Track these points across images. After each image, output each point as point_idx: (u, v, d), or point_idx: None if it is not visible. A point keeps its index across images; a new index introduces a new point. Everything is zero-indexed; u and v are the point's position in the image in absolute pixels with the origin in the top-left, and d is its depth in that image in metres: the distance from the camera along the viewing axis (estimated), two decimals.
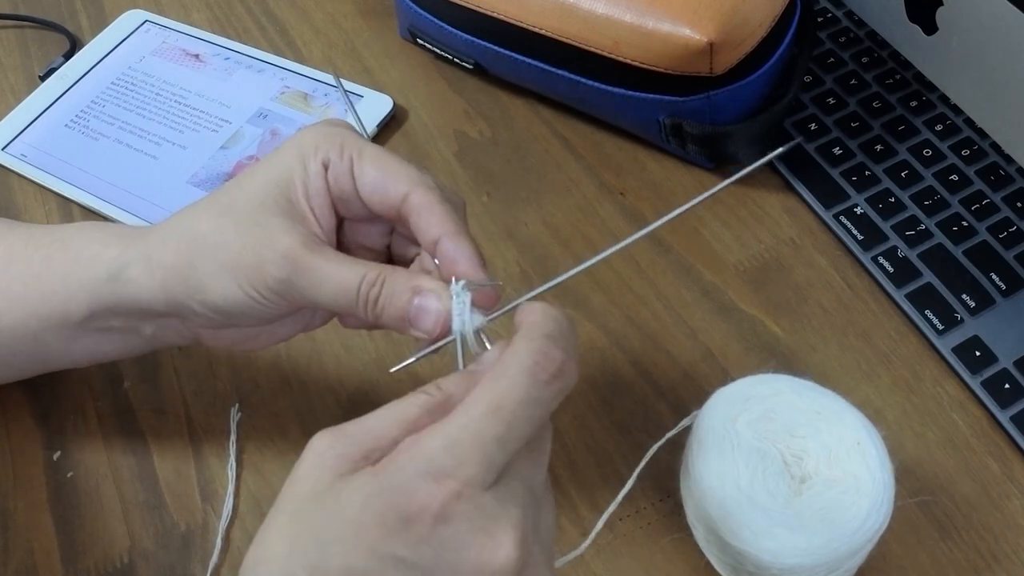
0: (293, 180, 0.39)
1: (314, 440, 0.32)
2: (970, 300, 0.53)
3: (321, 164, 0.39)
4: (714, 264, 0.57)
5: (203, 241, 0.39)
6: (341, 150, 0.39)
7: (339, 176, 0.39)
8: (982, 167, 0.59)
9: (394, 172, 0.39)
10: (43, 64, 0.68)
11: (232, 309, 0.39)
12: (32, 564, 0.46)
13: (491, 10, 0.59)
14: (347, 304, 0.38)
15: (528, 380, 0.32)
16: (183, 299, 0.40)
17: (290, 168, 0.39)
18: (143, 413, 0.51)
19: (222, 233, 0.39)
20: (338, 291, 0.38)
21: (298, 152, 0.39)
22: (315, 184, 0.39)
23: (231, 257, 0.38)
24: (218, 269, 0.39)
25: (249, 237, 0.38)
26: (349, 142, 0.39)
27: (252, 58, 0.68)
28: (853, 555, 0.40)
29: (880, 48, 0.66)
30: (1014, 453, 0.49)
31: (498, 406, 0.31)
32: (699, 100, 0.56)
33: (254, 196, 0.39)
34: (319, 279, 0.38)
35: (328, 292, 0.38)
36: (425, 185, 0.38)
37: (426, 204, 0.38)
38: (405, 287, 0.37)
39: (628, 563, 0.46)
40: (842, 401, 0.43)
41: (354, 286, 0.37)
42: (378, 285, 0.37)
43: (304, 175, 0.39)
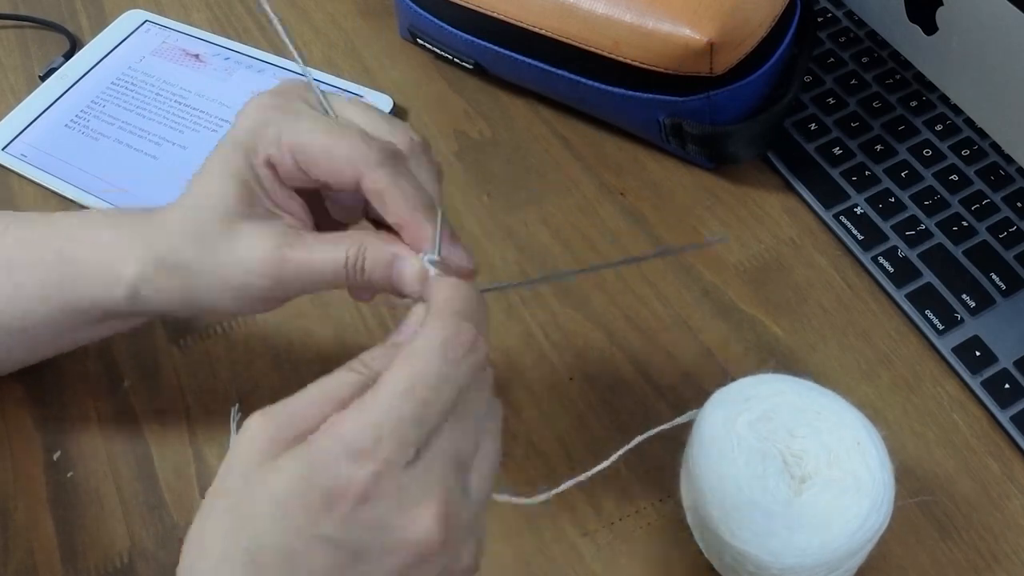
0: (246, 183, 0.39)
1: (248, 421, 0.32)
2: (970, 300, 0.53)
3: (265, 165, 0.39)
4: (714, 264, 0.57)
5: (193, 270, 0.40)
6: (279, 145, 0.38)
7: (288, 171, 0.39)
8: (982, 167, 0.59)
9: (340, 157, 0.37)
10: (43, 64, 0.68)
11: (239, 313, 0.41)
12: (32, 564, 0.46)
13: (491, 10, 0.59)
14: (339, 281, 0.39)
15: (440, 358, 0.32)
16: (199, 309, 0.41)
17: (239, 171, 0.39)
18: (143, 413, 0.51)
19: (203, 262, 0.39)
20: (326, 273, 0.38)
21: (242, 152, 0.39)
22: (268, 183, 0.39)
23: (220, 282, 0.39)
24: (214, 294, 0.40)
25: (227, 258, 0.39)
26: (285, 130, 0.38)
27: (252, 58, 0.68)
28: (853, 555, 0.40)
29: (880, 48, 0.66)
30: (1014, 453, 0.49)
31: (412, 385, 0.31)
32: (699, 100, 0.56)
33: (217, 210, 0.39)
34: (306, 270, 0.38)
35: (319, 277, 0.39)
36: (373, 164, 0.37)
37: (377, 192, 0.37)
38: (385, 254, 0.38)
39: (628, 563, 0.46)
40: (842, 401, 0.43)
41: (340, 265, 0.38)
42: (361, 257, 0.38)
43: (255, 177, 0.39)
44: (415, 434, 0.31)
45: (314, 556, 0.30)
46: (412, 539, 0.31)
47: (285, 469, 0.31)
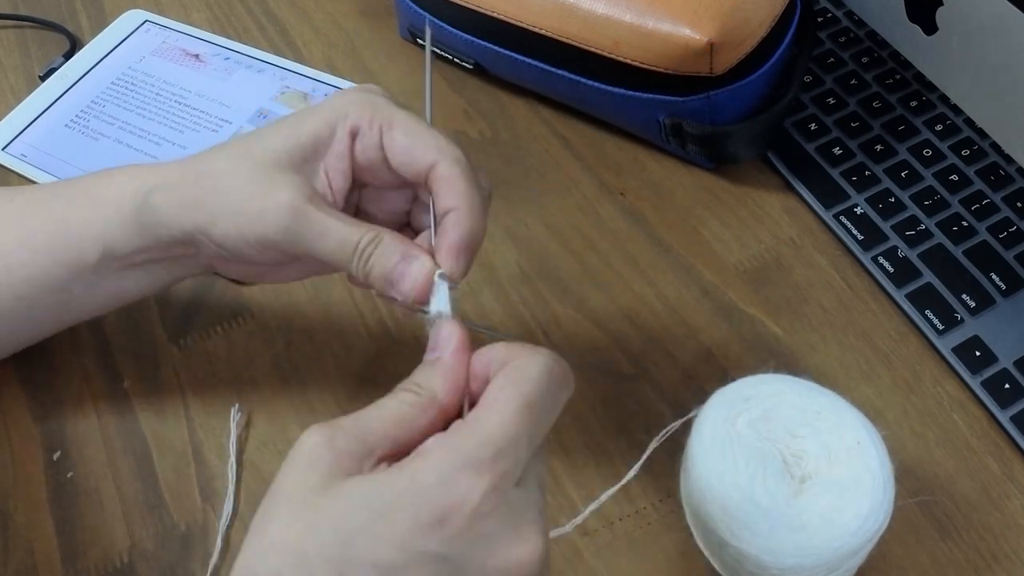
0: (315, 142, 0.41)
1: (310, 435, 0.32)
2: (970, 300, 0.53)
3: (348, 133, 0.41)
4: (714, 264, 0.57)
5: (217, 179, 0.41)
6: (371, 120, 0.40)
7: (367, 146, 0.40)
8: (982, 167, 0.59)
9: (423, 142, 0.40)
10: (43, 64, 0.68)
11: (233, 249, 0.41)
12: (32, 564, 0.46)
13: (491, 10, 0.59)
14: (344, 258, 0.39)
15: (549, 381, 0.33)
16: (194, 230, 0.41)
17: (316, 130, 0.41)
18: (143, 413, 0.51)
19: (235, 176, 0.40)
20: (338, 244, 0.39)
21: (329, 116, 0.41)
22: (337, 149, 0.41)
23: (238, 200, 0.40)
24: (224, 210, 0.40)
25: (257, 186, 0.40)
26: (380, 111, 0.41)
27: (252, 58, 0.68)
28: (853, 555, 0.40)
29: (880, 48, 0.66)
30: (1014, 453, 0.49)
31: (528, 404, 0.32)
32: (699, 100, 0.56)
33: (273, 148, 0.41)
34: (321, 231, 0.39)
35: (329, 245, 0.39)
36: (453, 158, 0.39)
37: (449, 177, 0.39)
38: (395, 249, 0.39)
39: (628, 563, 0.46)
40: (842, 401, 0.43)
41: (354, 241, 0.39)
42: (374, 244, 0.39)
43: (328, 140, 0.41)
44: (526, 453, 0.32)
45: (416, 571, 0.30)
46: (516, 558, 0.31)
47: (388, 484, 0.31)
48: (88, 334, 0.54)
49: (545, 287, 0.56)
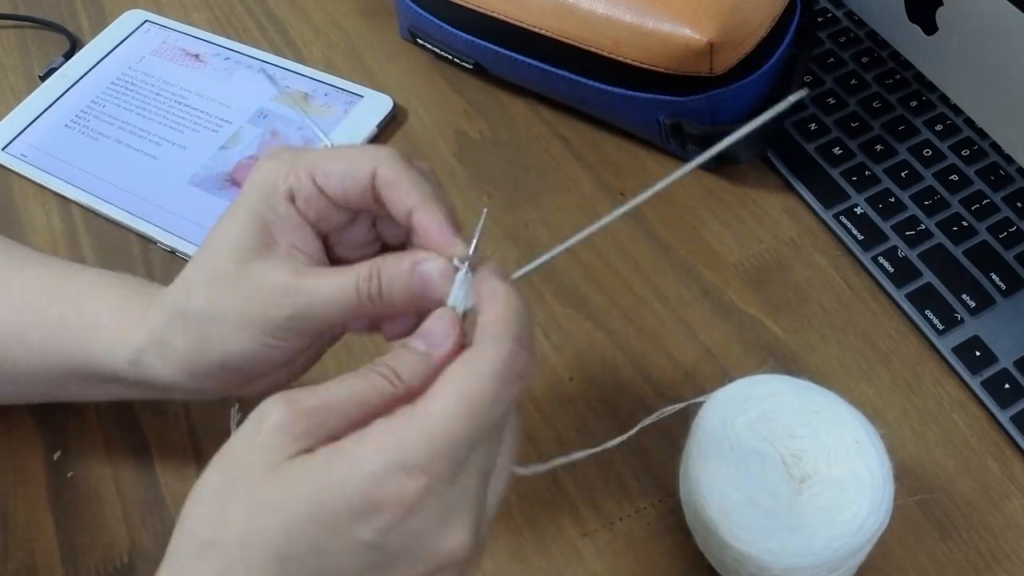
0: (264, 223, 0.39)
1: (267, 408, 0.32)
2: (970, 300, 0.53)
3: (285, 199, 0.39)
4: (714, 264, 0.57)
5: (206, 318, 0.39)
6: (296, 174, 0.39)
7: (308, 197, 0.39)
8: (982, 167, 0.59)
9: (354, 159, 0.38)
10: (43, 64, 0.68)
11: (255, 362, 0.39)
12: (32, 564, 0.46)
13: (491, 10, 0.59)
14: (352, 306, 0.38)
15: (499, 381, 0.32)
16: (204, 376, 0.40)
17: (256, 210, 0.39)
18: (143, 413, 0.51)
19: (218, 303, 0.39)
20: (339, 298, 0.38)
21: (261, 195, 0.39)
22: (288, 222, 0.39)
23: (237, 320, 0.39)
24: (230, 335, 0.39)
25: (244, 293, 0.38)
26: (301, 160, 0.39)
27: (252, 58, 0.68)
28: (853, 555, 0.40)
29: (880, 48, 0.66)
30: (1014, 453, 0.49)
31: (471, 407, 0.32)
32: (699, 100, 0.56)
33: (233, 252, 0.39)
34: (318, 295, 0.38)
35: (331, 304, 0.38)
36: (388, 158, 0.38)
37: (392, 178, 0.38)
38: (401, 267, 0.37)
39: (628, 563, 0.46)
40: (840, 401, 0.43)
41: (352, 287, 0.38)
42: (375, 277, 0.37)
43: (274, 217, 0.39)
44: (465, 453, 0.32)
45: (347, 557, 0.31)
46: (446, 549, 0.32)
47: (327, 467, 0.31)
48: None
49: (545, 287, 0.56)
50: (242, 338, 0.39)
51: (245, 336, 0.39)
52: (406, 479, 0.31)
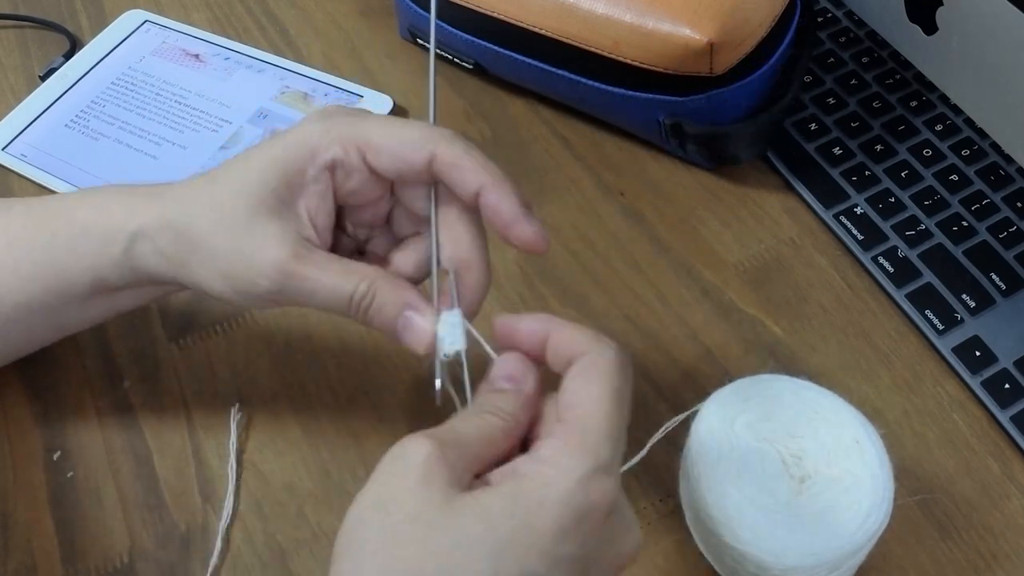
0: (288, 183, 0.39)
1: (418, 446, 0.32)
2: (970, 300, 0.53)
3: (323, 169, 0.39)
4: (714, 264, 0.57)
5: (199, 243, 0.39)
6: (346, 149, 0.39)
7: (351, 172, 0.39)
8: (982, 167, 0.59)
9: (409, 140, 0.38)
10: (43, 64, 0.68)
11: (226, 300, 0.40)
12: (32, 564, 0.46)
13: (491, 10, 0.59)
14: (339, 310, 0.39)
15: (622, 371, 0.34)
16: (184, 281, 0.41)
17: (288, 173, 0.39)
18: (143, 413, 0.51)
19: (216, 237, 0.39)
20: (330, 299, 0.39)
21: (298, 152, 0.39)
22: (317, 190, 0.39)
23: (223, 264, 0.39)
24: (211, 272, 0.40)
25: (241, 245, 0.39)
26: (351, 134, 0.39)
27: (252, 58, 0.68)
28: (853, 554, 0.40)
29: (880, 48, 0.66)
30: (1014, 453, 0.49)
31: (618, 398, 0.33)
32: (699, 100, 0.56)
33: (251, 195, 0.39)
34: (310, 288, 0.38)
35: (320, 300, 0.39)
36: (446, 139, 0.38)
37: (454, 160, 0.38)
38: (395, 301, 0.38)
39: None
40: (840, 401, 0.43)
41: (345, 296, 0.38)
42: (369, 296, 0.38)
43: (301, 178, 0.39)
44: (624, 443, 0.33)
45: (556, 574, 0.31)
46: (629, 546, 0.33)
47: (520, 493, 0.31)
48: (88, 334, 0.54)
49: (545, 287, 0.56)
50: (220, 281, 0.39)
51: (221, 283, 0.39)
52: (605, 477, 0.31)
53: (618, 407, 0.33)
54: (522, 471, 0.32)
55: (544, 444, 0.33)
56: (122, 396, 0.52)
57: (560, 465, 0.31)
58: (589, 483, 0.31)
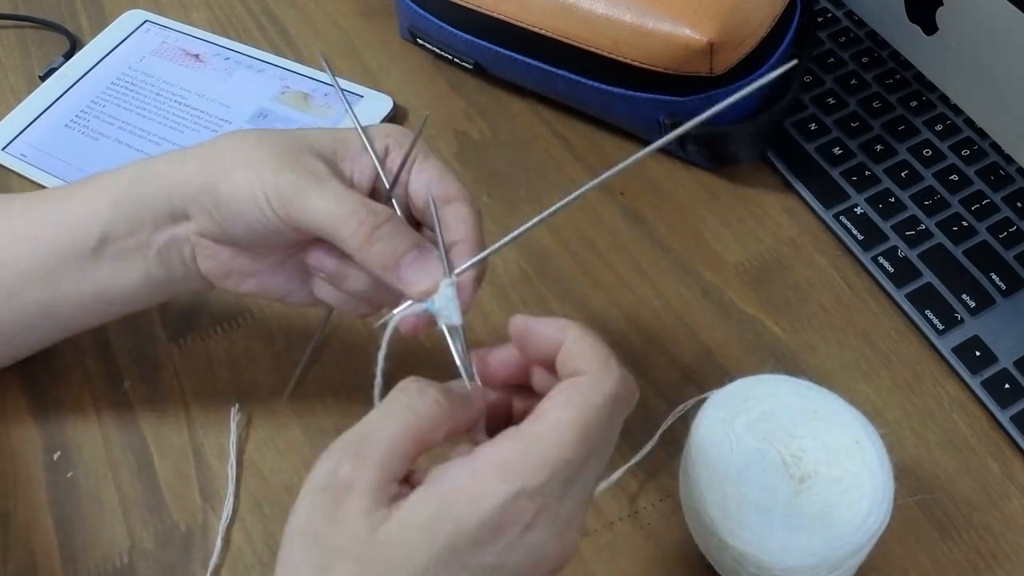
0: (347, 146, 0.42)
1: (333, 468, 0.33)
2: (970, 300, 0.53)
3: (383, 146, 0.42)
4: (714, 264, 0.57)
5: (241, 143, 0.41)
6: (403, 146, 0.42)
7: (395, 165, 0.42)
8: (982, 167, 0.59)
9: (448, 180, 0.42)
10: (43, 64, 0.68)
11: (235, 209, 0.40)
12: (32, 564, 0.46)
13: (491, 10, 0.59)
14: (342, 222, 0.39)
15: (612, 410, 0.34)
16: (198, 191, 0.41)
17: (348, 136, 0.42)
18: (143, 413, 0.51)
19: (261, 143, 0.41)
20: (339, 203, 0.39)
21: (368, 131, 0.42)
22: (367, 159, 0.42)
23: (258, 157, 0.40)
24: (239, 164, 0.41)
25: (282, 151, 0.40)
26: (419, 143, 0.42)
27: (252, 58, 0.68)
28: (854, 554, 0.40)
29: (880, 48, 0.66)
30: (1014, 453, 0.49)
31: (585, 434, 0.33)
32: (699, 100, 0.56)
33: (304, 137, 0.42)
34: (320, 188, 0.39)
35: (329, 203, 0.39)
36: (469, 200, 0.41)
37: (464, 216, 0.41)
38: (410, 235, 0.40)
39: (628, 563, 0.46)
40: (840, 400, 0.43)
41: (355, 206, 0.39)
42: (383, 215, 0.39)
43: (358, 147, 0.42)
44: (576, 472, 0.33)
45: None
46: (559, 556, 0.34)
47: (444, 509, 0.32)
48: (88, 334, 0.53)
49: (545, 287, 0.56)
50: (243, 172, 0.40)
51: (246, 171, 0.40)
52: (527, 502, 0.32)
53: (580, 442, 0.33)
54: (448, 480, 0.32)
55: (484, 450, 0.33)
56: (122, 396, 0.52)
57: (487, 481, 0.32)
58: (508, 505, 0.32)
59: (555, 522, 0.33)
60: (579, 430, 0.33)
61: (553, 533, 0.33)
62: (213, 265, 0.44)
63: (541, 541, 0.33)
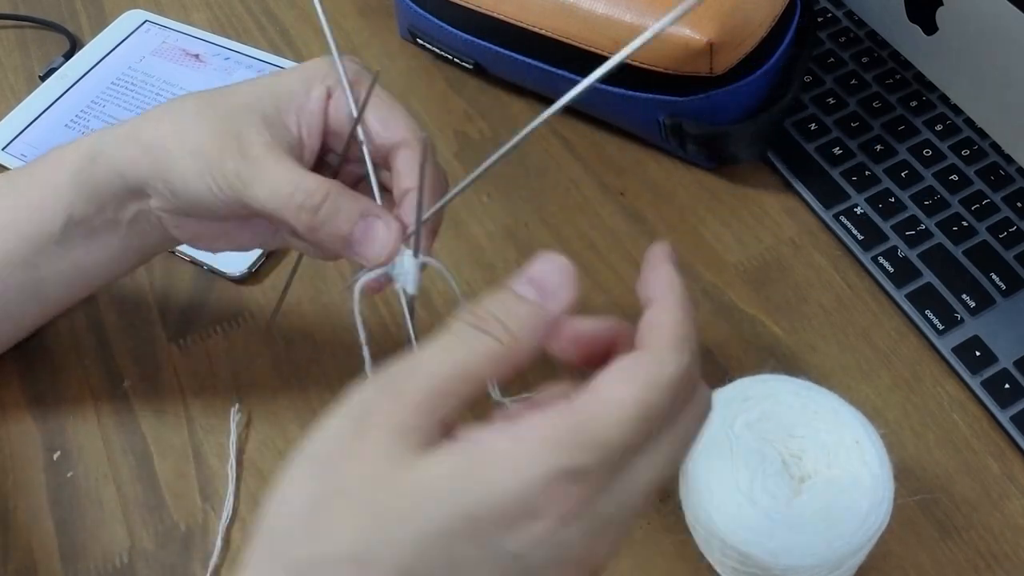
0: (289, 98, 0.40)
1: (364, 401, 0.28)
2: (970, 300, 0.53)
3: (325, 91, 0.41)
4: (714, 264, 0.57)
5: (181, 125, 0.40)
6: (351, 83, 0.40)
7: (340, 107, 0.40)
8: (982, 167, 0.59)
9: (395, 120, 0.40)
10: (43, 64, 0.68)
11: (189, 195, 0.40)
12: (32, 564, 0.46)
13: (491, 10, 0.59)
14: (283, 207, 0.38)
15: (675, 395, 0.29)
16: (149, 176, 0.41)
17: (290, 87, 0.40)
18: (143, 413, 0.51)
19: (200, 121, 0.40)
20: (274, 189, 0.38)
21: (303, 75, 0.41)
22: (311, 107, 0.41)
23: (200, 142, 0.39)
24: (185, 152, 0.39)
25: (222, 128, 0.39)
26: (361, 79, 0.41)
27: (252, 58, 0.68)
28: (854, 554, 0.40)
29: (880, 48, 0.66)
30: (1014, 453, 0.49)
31: (647, 416, 0.28)
32: (699, 100, 0.56)
33: (243, 99, 0.40)
34: (259, 174, 0.38)
35: (265, 189, 0.38)
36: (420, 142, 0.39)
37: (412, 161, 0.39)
38: (352, 207, 0.38)
39: (628, 564, 0.46)
40: (840, 400, 0.43)
41: (292, 187, 0.38)
42: (319, 196, 0.37)
43: (303, 97, 0.40)
44: (629, 461, 0.28)
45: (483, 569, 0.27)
46: (588, 561, 0.29)
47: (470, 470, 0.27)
48: (88, 334, 0.54)
49: None
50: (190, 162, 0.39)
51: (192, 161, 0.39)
52: (572, 486, 0.27)
53: (638, 423, 0.28)
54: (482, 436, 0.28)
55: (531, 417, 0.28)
56: (122, 396, 0.52)
57: (527, 448, 0.27)
58: (548, 482, 0.27)
59: (595, 519, 0.28)
60: (639, 409, 0.28)
61: (589, 532, 0.28)
62: (182, 233, 0.44)
63: (573, 541, 0.27)
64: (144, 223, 0.44)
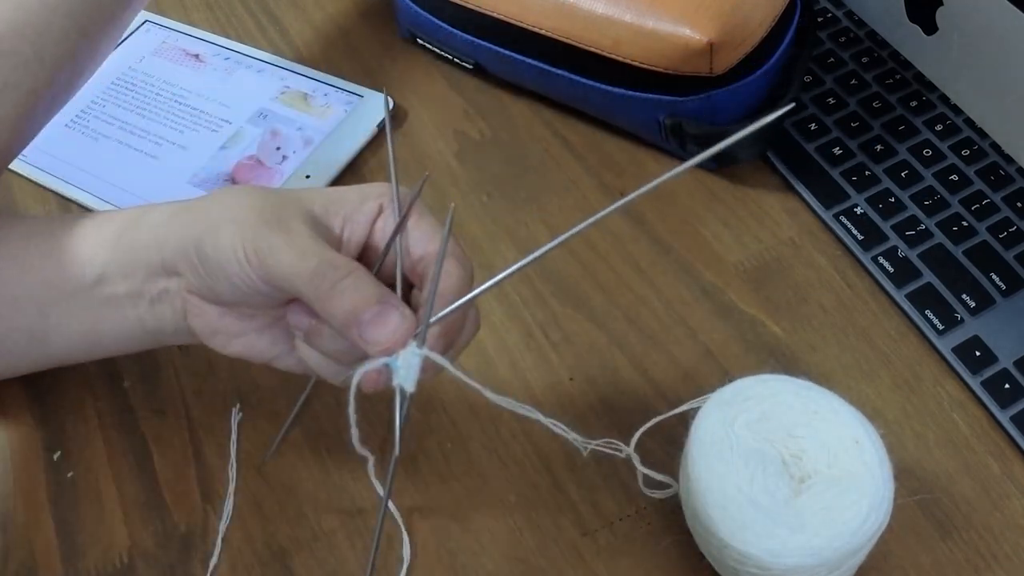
0: (340, 204, 0.41)
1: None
2: (970, 300, 0.53)
3: (378, 207, 0.41)
4: (714, 264, 0.57)
5: (231, 202, 0.41)
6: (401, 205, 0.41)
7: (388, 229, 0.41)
8: (982, 167, 0.59)
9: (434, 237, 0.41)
10: None
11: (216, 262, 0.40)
12: (32, 564, 0.46)
13: (491, 10, 0.59)
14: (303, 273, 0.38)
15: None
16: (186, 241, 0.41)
17: (344, 195, 0.42)
18: (143, 413, 0.51)
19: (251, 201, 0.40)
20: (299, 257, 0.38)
21: (362, 190, 0.42)
22: (361, 218, 0.41)
23: (244, 216, 0.39)
24: (226, 219, 0.40)
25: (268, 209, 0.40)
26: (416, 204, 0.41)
27: (252, 58, 0.68)
28: (854, 554, 0.40)
29: (880, 48, 0.66)
30: (1014, 453, 0.49)
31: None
32: (699, 100, 0.56)
33: (296, 194, 0.41)
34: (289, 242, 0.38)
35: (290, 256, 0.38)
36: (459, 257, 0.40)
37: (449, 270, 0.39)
38: (372, 290, 0.38)
39: (628, 563, 0.46)
40: (840, 400, 0.43)
41: (314, 261, 0.38)
42: (343, 271, 0.38)
43: (355, 205, 0.41)
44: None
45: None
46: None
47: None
48: None
49: (545, 287, 0.56)
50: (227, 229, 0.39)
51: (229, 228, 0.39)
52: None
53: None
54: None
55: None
56: (122, 396, 0.52)
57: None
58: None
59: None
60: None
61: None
62: (201, 324, 0.43)
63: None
64: (166, 305, 0.43)
